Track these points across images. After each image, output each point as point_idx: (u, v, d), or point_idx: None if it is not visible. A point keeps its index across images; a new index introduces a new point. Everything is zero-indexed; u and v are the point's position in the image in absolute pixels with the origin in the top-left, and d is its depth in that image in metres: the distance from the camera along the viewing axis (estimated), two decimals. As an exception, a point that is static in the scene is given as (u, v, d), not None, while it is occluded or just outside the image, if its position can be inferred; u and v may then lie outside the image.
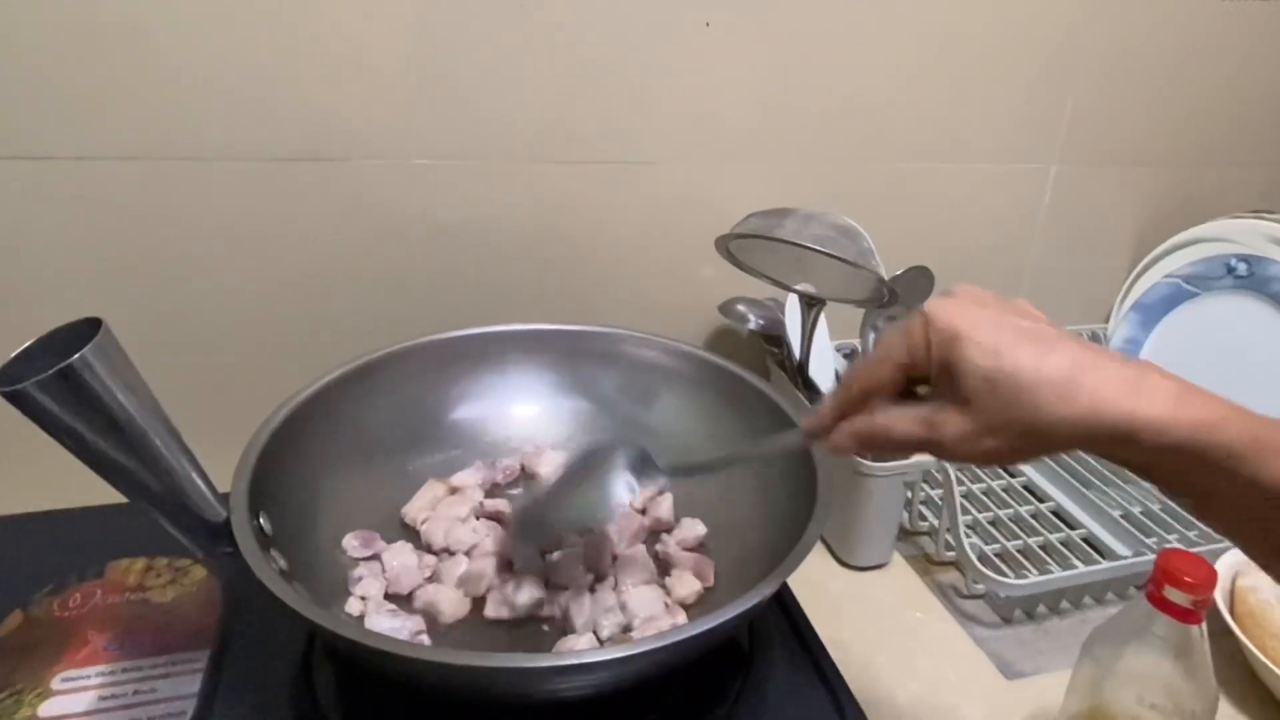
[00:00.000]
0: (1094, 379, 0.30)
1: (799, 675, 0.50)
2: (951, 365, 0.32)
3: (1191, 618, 0.40)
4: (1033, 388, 0.30)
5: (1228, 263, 0.74)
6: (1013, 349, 0.31)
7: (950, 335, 0.32)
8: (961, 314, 0.32)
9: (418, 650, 0.41)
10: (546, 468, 0.60)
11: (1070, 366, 0.30)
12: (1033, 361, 0.30)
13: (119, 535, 0.54)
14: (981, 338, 0.31)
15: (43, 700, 0.44)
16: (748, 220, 0.56)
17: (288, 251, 0.62)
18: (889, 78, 0.70)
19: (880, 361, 0.35)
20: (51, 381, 0.34)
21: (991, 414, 0.31)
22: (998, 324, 0.32)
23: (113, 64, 0.55)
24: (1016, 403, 0.31)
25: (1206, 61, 0.79)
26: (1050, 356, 0.31)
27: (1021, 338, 0.31)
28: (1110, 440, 0.30)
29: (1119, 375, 0.30)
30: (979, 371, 0.31)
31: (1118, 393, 0.30)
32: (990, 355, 0.31)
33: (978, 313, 0.32)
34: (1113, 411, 0.29)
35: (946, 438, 0.33)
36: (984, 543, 0.64)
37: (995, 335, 0.31)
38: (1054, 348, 0.31)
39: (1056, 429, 0.30)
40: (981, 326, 0.32)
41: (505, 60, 0.61)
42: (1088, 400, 0.30)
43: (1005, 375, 0.31)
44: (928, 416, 0.33)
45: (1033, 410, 0.30)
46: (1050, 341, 0.31)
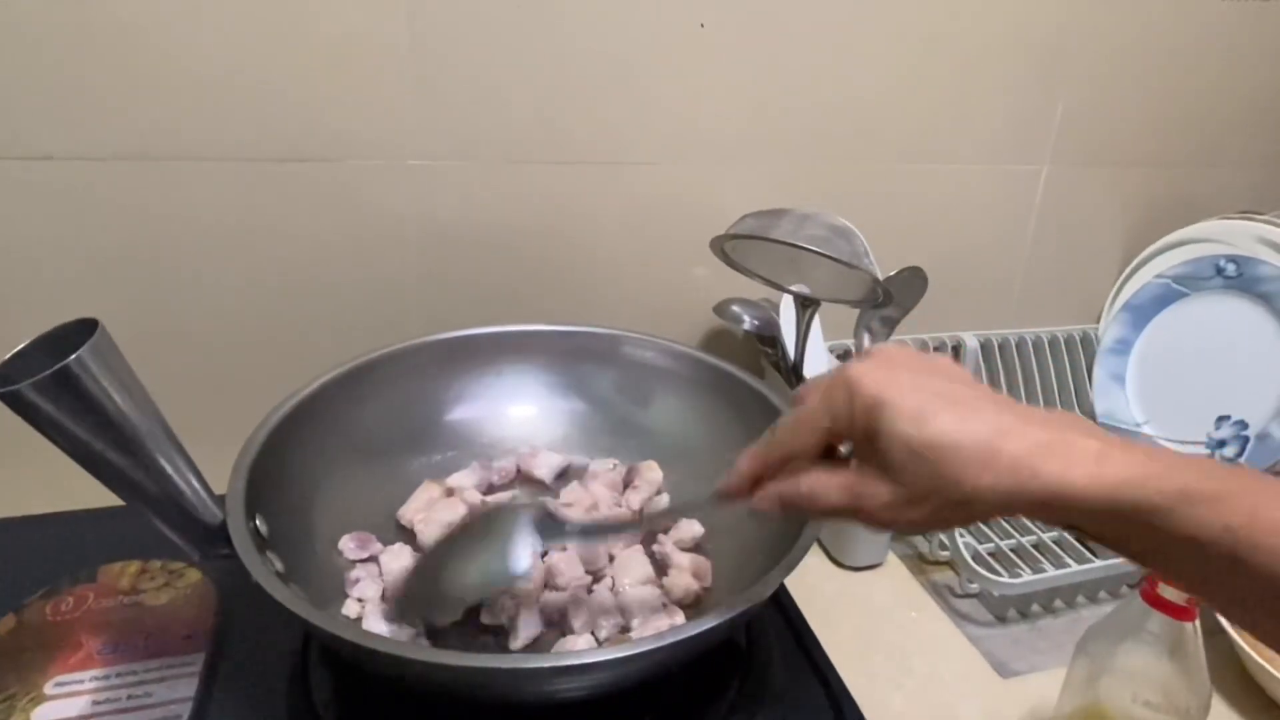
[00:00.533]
0: (1014, 446, 0.30)
1: (796, 675, 0.50)
2: (875, 433, 0.31)
3: (1185, 615, 0.41)
4: (954, 457, 0.30)
5: (1217, 263, 0.75)
6: (935, 416, 0.30)
7: (874, 402, 0.31)
8: (885, 380, 0.32)
9: (415, 651, 0.41)
10: (542, 469, 0.60)
11: (991, 434, 0.30)
12: (955, 428, 0.30)
13: (113, 538, 0.54)
14: (905, 405, 0.31)
15: (36, 705, 0.44)
16: (743, 221, 0.57)
17: (283, 252, 0.62)
18: (882, 79, 0.70)
19: (802, 426, 0.34)
20: (47, 382, 0.34)
21: (915, 484, 0.31)
22: (921, 389, 0.31)
23: (108, 64, 0.54)
24: (939, 473, 0.30)
25: (1197, 63, 0.79)
26: (971, 423, 0.30)
27: (944, 404, 0.31)
28: (1035, 507, 0.30)
29: (1039, 440, 0.30)
30: (903, 441, 0.31)
31: (1039, 459, 0.29)
32: (913, 423, 0.31)
33: (901, 378, 0.32)
34: (1034, 479, 0.29)
35: (872, 508, 0.32)
36: (977, 542, 0.64)
37: (918, 402, 0.31)
38: (975, 413, 0.31)
39: (980, 498, 0.30)
40: (905, 393, 0.31)
41: (500, 61, 0.61)
42: (1009, 468, 0.29)
43: (928, 445, 0.30)
44: (853, 485, 0.33)
45: (955, 481, 0.30)
46: (971, 406, 0.31)
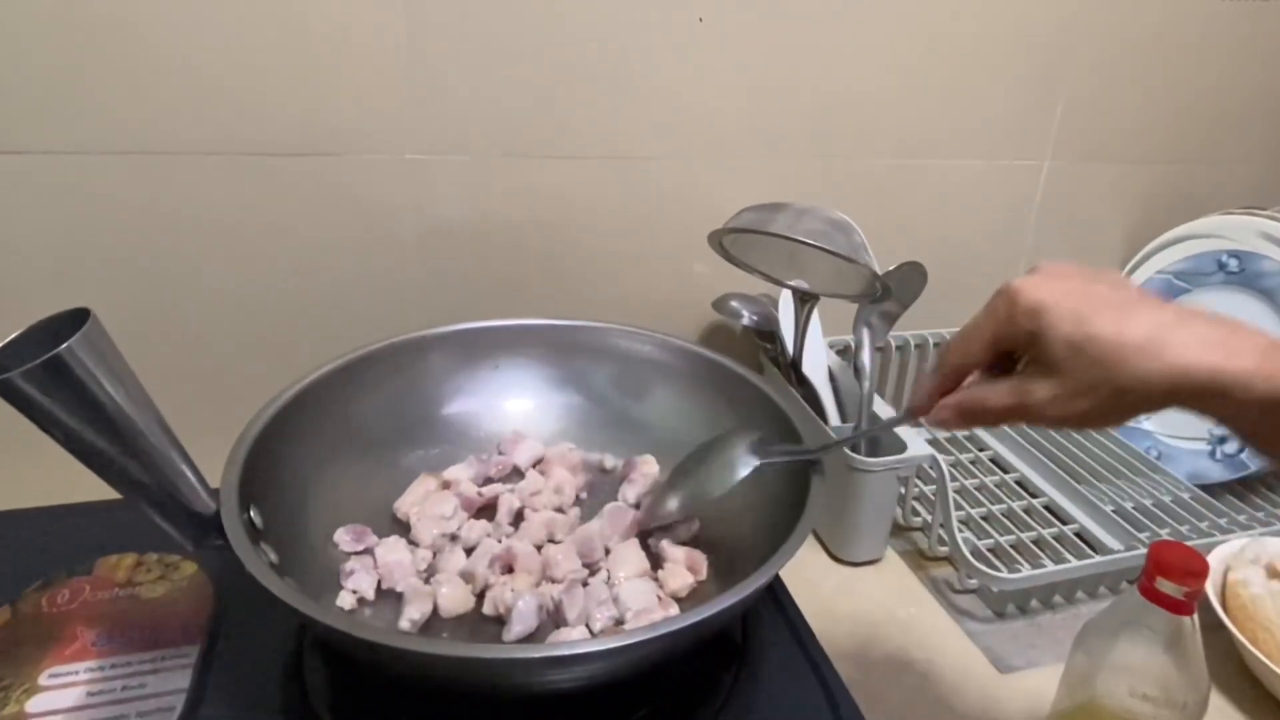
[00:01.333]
0: (1179, 337, 0.31)
1: (793, 670, 0.50)
2: (1038, 335, 0.34)
3: (1183, 609, 0.40)
4: (1118, 349, 0.32)
5: (1219, 259, 0.74)
6: (1096, 314, 0.32)
7: (1034, 307, 0.34)
8: (1044, 287, 0.34)
9: (408, 642, 0.41)
10: (522, 456, 0.60)
11: (1154, 326, 0.32)
12: (1116, 324, 0.32)
13: (108, 531, 0.54)
14: (1064, 307, 0.33)
15: (31, 696, 0.44)
16: (741, 215, 0.56)
17: (280, 246, 0.62)
18: (882, 73, 0.70)
19: (969, 339, 0.37)
20: (38, 372, 0.34)
21: (1080, 377, 0.33)
22: (1080, 293, 0.33)
23: (106, 59, 0.54)
24: (1103, 364, 0.32)
25: (1198, 58, 0.79)
26: (1133, 319, 0.32)
27: (1104, 304, 0.33)
28: (1197, 395, 0.31)
29: (1204, 332, 0.31)
30: (1064, 338, 0.33)
31: (1202, 349, 0.31)
32: (1073, 321, 0.33)
33: (1060, 284, 0.34)
34: (1197, 367, 0.31)
35: (1038, 402, 0.34)
36: (977, 538, 0.64)
37: (1077, 303, 0.33)
38: (1137, 311, 0.32)
39: (1144, 386, 0.31)
40: (1064, 297, 0.33)
41: (499, 56, 0.61)
42: (1173, 357, 0.31)
43: (1090, 339, 0.32)
44: (1018, 385, 0.35)
45: (1119, 370, 0.32)
46: (1133, 306, 0.33)
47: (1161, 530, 0.65)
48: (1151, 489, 0.71)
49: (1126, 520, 0.65)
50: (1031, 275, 0.35)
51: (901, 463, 0.60)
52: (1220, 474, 0.73)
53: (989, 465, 0.76)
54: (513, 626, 0.47)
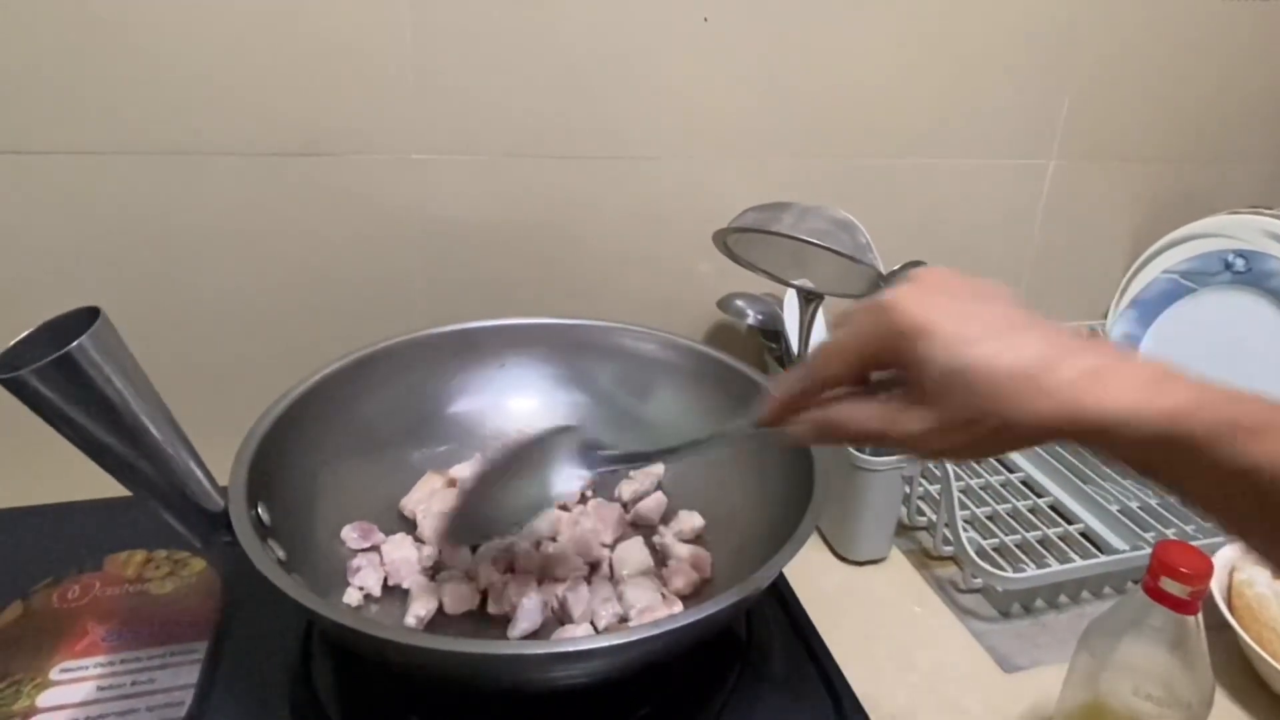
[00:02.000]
0: (1060, 373, 0.29)
1: (796, 668, 0.50)
2: (911, 360, 0.30)
3: (1188, 609, 0.40)
4: (996, 384, 0.29)
5: (1225, 258, 0.74)
6: (976, 342, 0.29)
7: (910, 328, 0.30)
8: (924, 305, 0.31)
9: (415, 638, 0.41)
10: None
11: (1035, 360, 0.29)
12: (996, 356, 0.29)
13: (118, 528, 0.55)
14: (945, 332, 0.30)
15: (42, 690, 0.44)
16: (745, 215, 0.56)
17: (286, 245, 0.63)
18: (887, 73, 0.70)
19: (835, 356, 0.33)
20: (49, 369, 0.34)
21: (955, 411, 0.30)
22: (961, 315, 0.30)
23: (109, 59, 0.55)
24: (980, 402, 0.29)
25: (1204, 57, 0.79)
26: (1015, 351, 0.29)
27: (986, 330, 0.30)
28: (1080, 434, 0.29)
29: (1085, 367, 0.29)
30: (941, 366, 0.30)
31: (1082, 386, 0.28)
32: (953, 351, 0.29)
33: (942, 303, 0.31)
34: (1079, 406, 0.28)
35: (909, 433, 0.32)
36: (982, 537, 0.64)
37: (958, 327, 0.30)
38: (1019, 340, 0.30)
39: (1023, 425, 0.29)
40: (944, 319, 0.30)
41: (503, 55, 0.61)
42: (1054, 396, 0.28)
43: (968, 373, 0.29)
44: (886, 411, 0.32)
45: (997, 408, 0.29)
46: (1016, 333, 0.30)
47: (1166, 530, 0.65)
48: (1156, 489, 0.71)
49: (1131, 520, 0.65)
50: (911, 288, 0.31)
51: (906, 462, 0.60)
52: (1227, 474, 0.73)
53: (994, 464, 0.75)
54: (518, 624, 0.47)
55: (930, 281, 0.32)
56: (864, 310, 0.32)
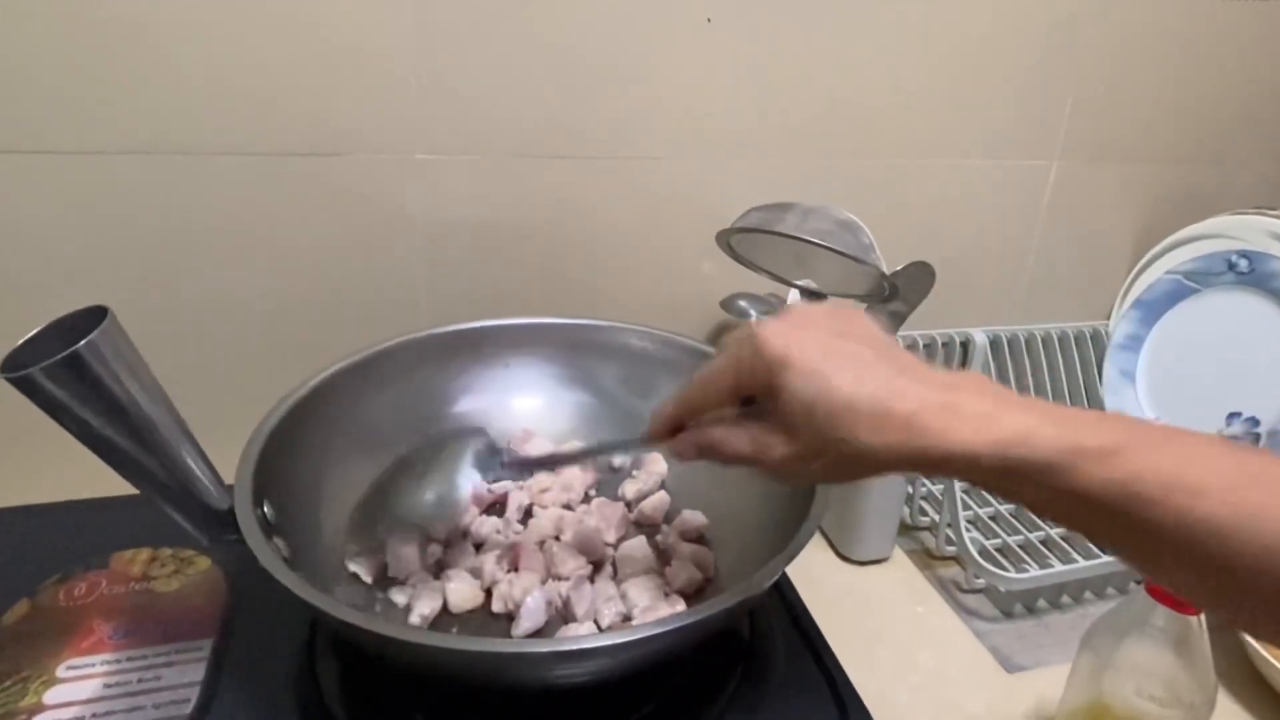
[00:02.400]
0: (905, 405, 0.31)
1: (799, 667, 0.50)
2: (776, 390, 0.32)
3: (1190, 609, 0.40)
4: (847, 416, 0.31)
5: (1229, 259, 0.74)
6: (831, 376, 0.31)
7: (775, 361, 0.32)
8: (790, 339, 0.33)
9: (418, 636, 0.42)
10: (531, 453, 0.60)
11: (885, 394, 0.31)
12: (849, 388, 0.31)
13: (124, 526, 0.55)
14: (804, 364, 0.32)
15: (48, 687, 0.45)
16: (748, 215, 0.57)
17: (291, 245, 0.63)
18: (890, 73, 0.70)
19: (710, 384, 0.36)
20: (57, 367, 0.35)
21: (811, 440, 0.32)
22: (821, 348, 0.32)
23: (116, 60, 0.55)
24: (833, 430, 0.31)
25: (1207, 57, 0.79)
26: (866, 383, 0.31)
27: (843, 364, 0.32)
28: (926, 465, 0.31)
29: (930, 401, 0.31)
30: (798, 398, 0.32)
31: (925, 419, 0.30)
32: (809, 382, 0.31)
33: (806, 337, 0.33)
34: (922, 438, 0.30)
35: (773, 460, 0.34)
36: (984, 537, 0.64)
37: (818, 361, 0.32)
38: (871, 374, 0.31)
39: (873, 456, 0.31)
40: (806, 352, 0.32)
41: (507, 55, 0.62)
42: (899, 427, 0.30)
43: (821, 404, 0.31)
44: (757, 437, 0.34)
45: (848, 439, 0.31)
46: (870, 367, 0.32)
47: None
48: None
49: (1135, 521, 0.65)
50: (779, 322, 0.34)
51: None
52: (1230, 475, 0.73)
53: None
54: (521, 622, 0.47)
55: (798, 316, 0.35)
56: (735, 340, 0.35)
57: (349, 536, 0.50)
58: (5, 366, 0.35)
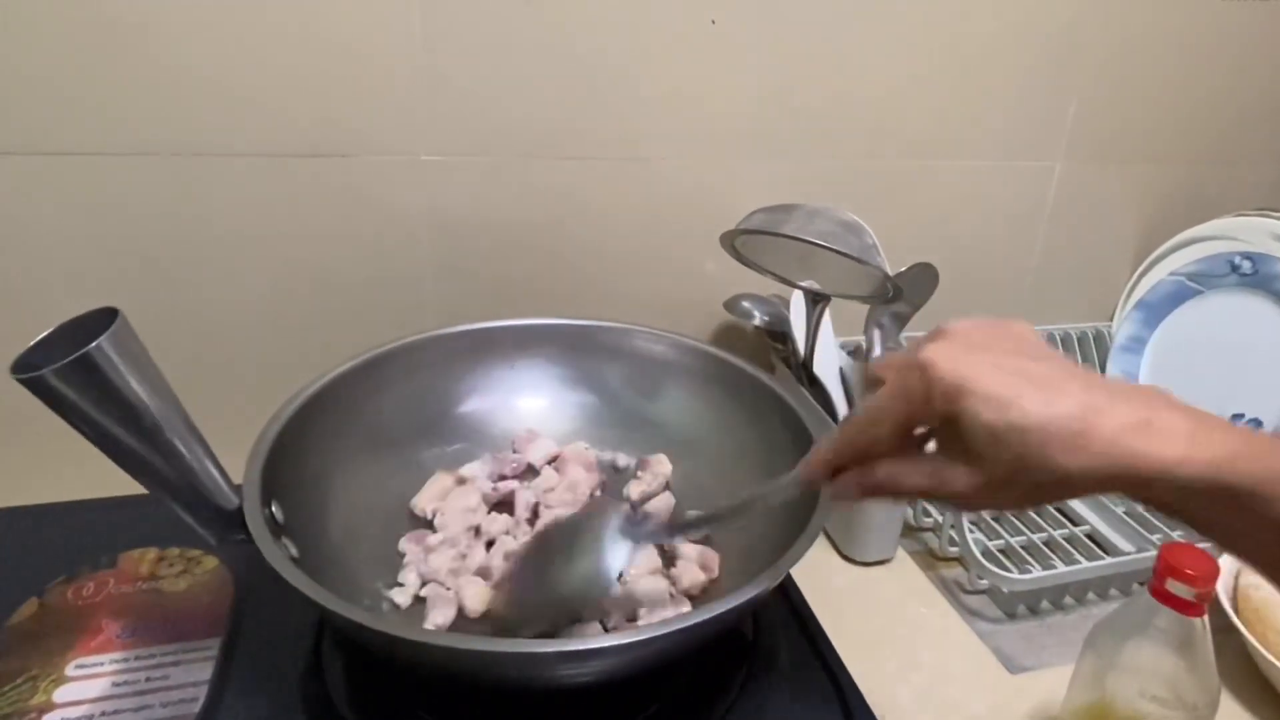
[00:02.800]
0: (1104, 425, 0.29)
1: (803, 668, 0.50)
2: (956, 419, 0.31)
3: (1194, 611, 0.40)
4: (1041, 441, 0.29)
5: (1232, 260, 0.74)
6: (1019, 399, 0.30)
7: (953, 388, 0.30)
8: (963, 363, 0.31)
9: (425, 636, 0.42)
10: (536, 454, 0.60)
11: (1080, 413, 0.29)
12: (1041, 411, 0.29)
13: (132, 526, 0.55)
14: (986, 390, 0.30)
15: (57, 686, 0.45)
16: (752, 216, 0.57)
17: (298, 246, 0.63)
18: (893, 74, 0.70)
19: (877, 420, 0.34)
20: (68, 369, 0.35)
21: (999, 468, 0.30)
22: (1001, 370, 0.30)
23: (123, 62, 0.55)
24: (1026, 457, 0.29)
25: (1211, 59, 0.79)
26: (1057, 404, 0.29)
27: (1027, 385, 0.30)
28: (1125, 485, 0.29)
29: (1129, 418, 0.29)
30: (985, 425, 0.30)
31: (1129, 438, 0.29)
32: (996, 409, 0.30)
33: (979, 359, 0.31)
34: (1125, 459, 0.29)
35: (957, 491, 0.32)
36: (987, 538, 0.64)
37: (1000, 386, 0.30)
38: (1061, 393, 0.30)
39: (1069, 480, 0.29)
40: (985, 375, 0.30)
41: (512, 57, 0.62)
42: (1099, 449, 0.29)
43: (1013, 430, 0.29)
44: (935, 472, 0.32)
45: (1043, 464, 0.29)
46: (1056, 386, 0.30)
47: (1173, 532, 0.65)
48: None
49: (1137, 522, 0.65)
50: (944, 345, 0.32)
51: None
52: (1233, 476, 0.73)
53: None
54: None
55: (962, 336, 0.32)
56: (901, 371, 0.32)
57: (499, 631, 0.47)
58: (17, 368, 0.35)
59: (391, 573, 0.52)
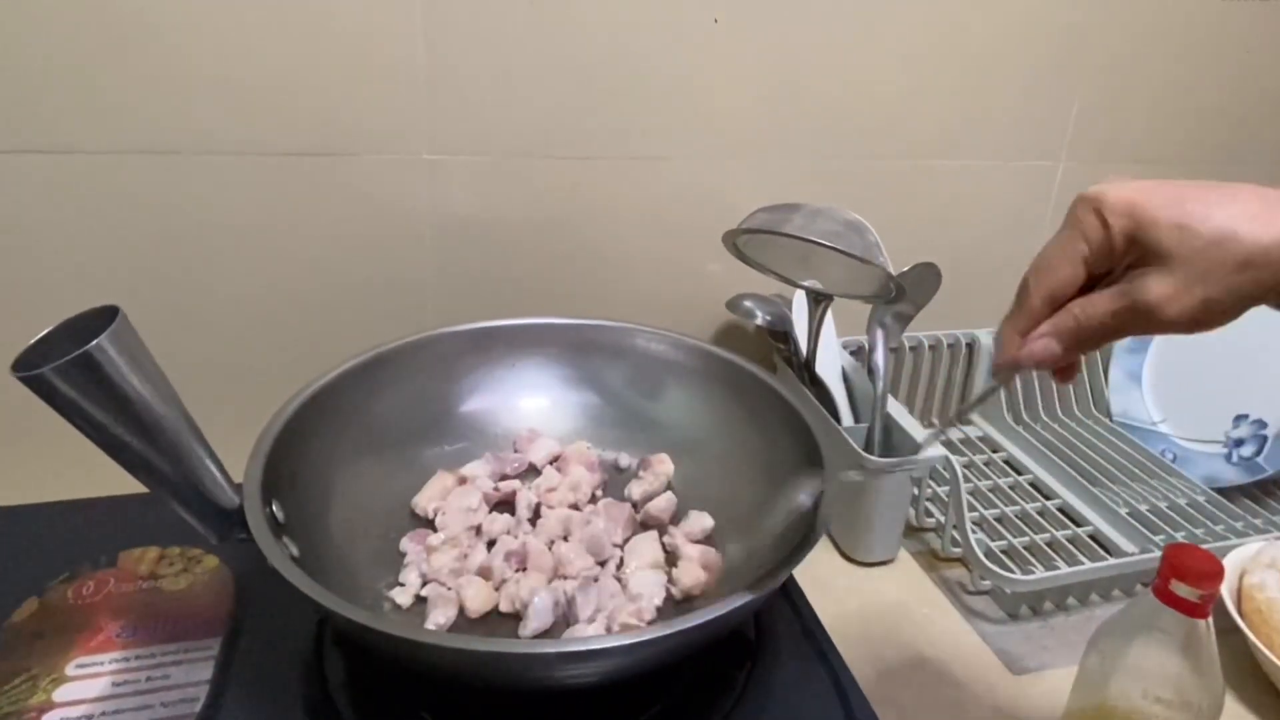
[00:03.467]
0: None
1: (805, 669, 0.50)
2: (1138, 231, 0.32)
3: (1198, 612, 0.40)
4: (1229, 222, 0.30)
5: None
6: (1194, 198, 0.31)
7: (1128, 204, 0.32)
8: (1131, 187, 0.32)
9: (427, 636, 0.42)
10: (538, 453, 0.60)
11: (1258, 198, 0.31)
12: (1221, 201, 0.31)
13: (132, 525, 0.55)
14: (1159, 195, 0.32)
15: (58, 685, 0.45)
16: (755, 215, 0.57)
17: (300, 245, 0.63)
18: (896, 74, 0.70)
19: (1058, 261, 0.34)
20: (69, 367, 0.35)
21: (1195, 260, 0.31)
22: (1165, 184, 0.32)
23: (125, 60, 0.55)
24: (1217, 240, 0.30)
25: (1213, 60, 0.79)
26: (1233, 195, 0.31)
27: (1196, 189, 0.32)
28: None
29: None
30: (1169, 221, 0.31)
31: None
32: (1174, 205, 0.31)
33: (1139, 183, 0.32)
34: None
35: (1154, 299, 0.32)
36: (990, 539, 0.64)
37: (1173, 191, 0.32)
38: (1235, 190, 0.31)
39: (1265, 255, 0.30)
40: (1155, 189, 0.32)
41: (515, 56, 0.62)
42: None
43: (1198, 218, 0.31)
44: (1124, 290, 0.32)
45: (1235, 242, 0.30)
46: (1228, 187, 0.32)
47: (1176, 533, 0.65)
48: (1166, 491, 0.71)
49: (1141, 523, 0.65)
50: (1104, 184, 0.33)
51: (915, 464, 0.60)
52: (1236, 477, 0.73)
53: (1002, 467, 0.76)
54: (529, 622, 0.47)
55: (1115, 178, 0.34)
56: (1071, 216, 0.33)
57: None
58: (17, 366, 0.35)
59: (392, 572, 0.52)
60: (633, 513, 0.57)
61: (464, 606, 0.49)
